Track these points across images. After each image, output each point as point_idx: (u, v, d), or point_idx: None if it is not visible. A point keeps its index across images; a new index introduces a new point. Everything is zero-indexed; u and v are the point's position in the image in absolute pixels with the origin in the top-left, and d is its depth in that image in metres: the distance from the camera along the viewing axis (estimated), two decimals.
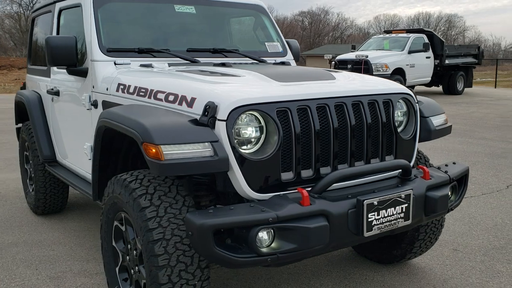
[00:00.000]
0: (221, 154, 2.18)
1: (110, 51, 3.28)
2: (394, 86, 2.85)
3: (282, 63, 3.78)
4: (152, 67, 3.20)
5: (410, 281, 3.23)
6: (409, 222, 2.49)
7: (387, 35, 16.83)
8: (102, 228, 2.77)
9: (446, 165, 2.93)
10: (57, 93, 3.87)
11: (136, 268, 2.52)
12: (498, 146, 7.92)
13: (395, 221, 2.43)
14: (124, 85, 2.92)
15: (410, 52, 15.30)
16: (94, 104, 3.20)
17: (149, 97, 2.67)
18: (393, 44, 15.77)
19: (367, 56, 14.64)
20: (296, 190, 2.31)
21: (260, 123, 2.35)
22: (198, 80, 2.64)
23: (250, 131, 2.33)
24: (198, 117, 2.31)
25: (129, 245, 2.58)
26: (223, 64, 3.25)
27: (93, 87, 3.23)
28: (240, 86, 2.51)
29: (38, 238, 4.02)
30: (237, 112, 2.26)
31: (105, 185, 2.90)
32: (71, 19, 3.82)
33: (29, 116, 4.26)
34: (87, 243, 3.90)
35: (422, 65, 15.72)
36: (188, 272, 2.23)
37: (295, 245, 2.16)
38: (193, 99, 2.39)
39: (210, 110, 2.25)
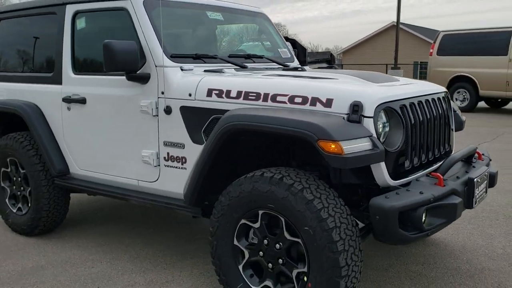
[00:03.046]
0: (380, 147, 2.49)
1: (173, 57, 3.27)
2: (441, 86, 3.42)
3: (331, 67, 4.11)
4: (223, 72, 3.29)
5: (439, 249, 3.83)
6: (486, 195, 3.07)
7: (257, 43, 17.81)
8: (218, 229, 2.82)
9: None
10: (81, 101, 3.65)
11: (280, 260, 2.65)
12: None
13: (482, 195, 2.98)
14: (220, 90, 2.98)
15: None
16: (167, 111, 3.17)
17: (265, 101, 2.81)
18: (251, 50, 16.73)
19: None
20: (431, 176, 2.73)
21: (385, 118, 2.70)
22: (319, 82, 2.85)
23: (383, 126, 2.66)
24: (342, 116, 2.57)
25: (266, 240, 2.69)
26: (295, 69, 3.48)
27: (162, 93, 3.20)
28: (362, 87, 2.80)
29: (61, 259, 3.72)
30: (378, 109, 2.59)
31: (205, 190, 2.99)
32: (98, 23, 3.66)
33: (32, 128, 3.89)
34: (123, 257, 3.74)
35: None
36: (355, 254, 2.49)
37: (445, 219, 2.57)
38: (329, 100, 2.63)
39: (359, 108, 2.53)
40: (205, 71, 3.32)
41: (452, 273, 3.42)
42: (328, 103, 2.63)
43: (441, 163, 3.14)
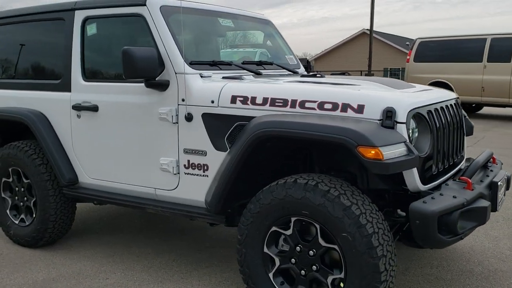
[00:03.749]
0: (415, 152, 2.52)
1: (192, 64, 3.24)
2: (452, 92, 3.50)
3: (348, 74, 4.14)
4: (243, 79, 3.27)
5: (449, 252, 3.89)
6: (505, 197, 3.15)
7: (235, 49, 17.84)
8: (247, 237, 2.80)
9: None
10: (93, 108, 3.57)
11: (314, 267, 2.64)
12: None
13: (503, 197, 3.05)
14: (245, 97, 2.96)
15: None
16: (188, 118, 3.13)
17: (292, 107, 2.80)
18: (243, 58, 16.78)
19: None
20: (458, 180, 2.78)
21: (414, 123, 2.73)
22: (347, 89, 2.86)
23: (412, 132, 2.70)
24: (375, 122, 2.59)
25: (298, 247, 2.68)
26: (314, 75, 3.50)
27: (183, 100, 3.16)
28: (390, 93, 2.83)
29: (72, 271, 3.62)
30: (409, 115, 2.62)
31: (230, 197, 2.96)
32: (111, 29, 3.59)
33: (40, 137, 3.77)
34: (136, 267, 3.67)
35: None
36: (392, 259, 2.51)
37: (476, 222, 2.62)
38: (361, 106, 2.64)
39: (392, 114, 2.56)
40: (223, 77, 3.30)
41: (467, 275, 3.49)
42: (360, 109, 2.64)
43: (459, 167, 3.22)
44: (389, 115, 2.56)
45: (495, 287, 3.31)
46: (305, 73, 4.25)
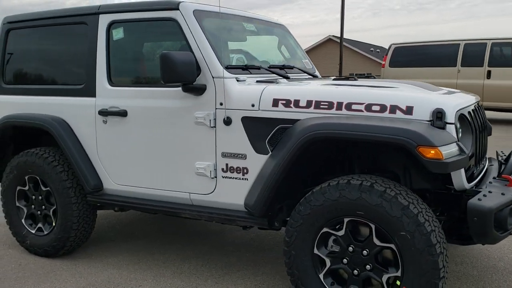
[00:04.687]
0: (466, 151, 2.60)
1: (228, 68, 3.25)
2: (474, 94, 3.62)
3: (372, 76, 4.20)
4: (278, 83, 3.29)
5: (468, 249, 3.98)
6: None
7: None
8: (297, 239, 2.82)
9: (503, 153, 3.81)
10: (121, 114, 3.51)
11: (368, 266, 2.68)
12: None
13: None
14: (287, 100, 2.98)
15: None
16: (227, 122, 3.13)
17: (338, 109, 2.84)
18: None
19: None
20: (502, 178, 2.88)
21: (458, 124, 2.82)
22: (392, 91, 2.92)
23: (457, 131, 2.78)
24: (425, 122, 2.65)
25: (351, 247, 2.72)
26: (347, 78, 3.55)
27: (221, 104, 3.16)
28: (433, 95, 2.91)
29: (101, 279, 3.54)
30: (456, 115, 2.71)
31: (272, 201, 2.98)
32: (139, 34, 3.56)
33: (63, 144, 3.68)
34: (166, 273, 3.62)
35: None
36: (447, 256, 2.58)
37: None
38: (410, 107, 2.70)
39: (442, 115, 2.64)
40: (257, 81, 3.31)
41: (492, 271, 3.60)
42: (409, 110, 2.71)
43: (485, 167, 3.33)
44: (439, 116, 2.63)
45: None
46: (350, 75, 4.31)
